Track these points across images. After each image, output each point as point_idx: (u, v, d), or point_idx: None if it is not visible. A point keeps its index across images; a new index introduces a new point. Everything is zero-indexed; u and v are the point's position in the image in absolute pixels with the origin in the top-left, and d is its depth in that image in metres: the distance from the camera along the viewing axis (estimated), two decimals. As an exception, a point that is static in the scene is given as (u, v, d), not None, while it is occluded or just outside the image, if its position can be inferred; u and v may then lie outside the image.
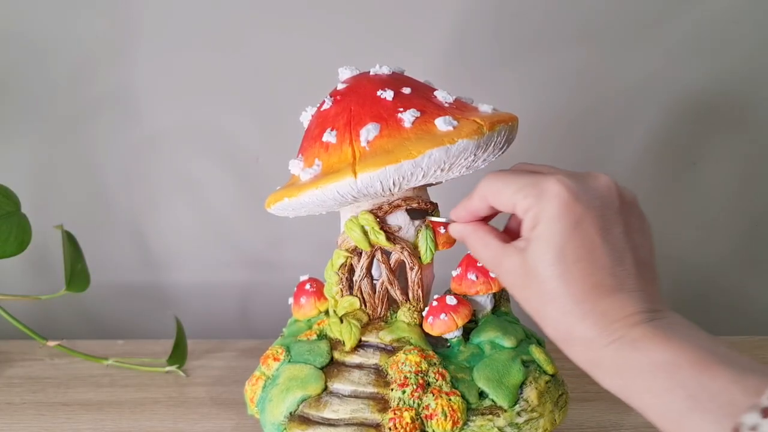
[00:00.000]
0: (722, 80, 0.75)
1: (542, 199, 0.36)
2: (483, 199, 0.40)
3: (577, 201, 0.35)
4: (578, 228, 0.35)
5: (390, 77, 0.47)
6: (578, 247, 0.35)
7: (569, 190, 0.35)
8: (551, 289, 0.35)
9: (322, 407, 0.44)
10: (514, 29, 0.73)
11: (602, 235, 0.35)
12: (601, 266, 0.35)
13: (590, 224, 0.35)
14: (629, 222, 0.37)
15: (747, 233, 0.80)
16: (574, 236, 0.35)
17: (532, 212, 0.36)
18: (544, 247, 0.35)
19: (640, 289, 0.36)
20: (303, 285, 0.53)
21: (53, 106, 0.75)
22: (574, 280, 0.35)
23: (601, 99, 0.75)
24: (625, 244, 0.36)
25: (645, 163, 0.77)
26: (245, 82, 0.74)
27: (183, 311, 0.75)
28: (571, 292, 0.35)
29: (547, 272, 0.35)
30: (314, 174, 0.44)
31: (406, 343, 0.46)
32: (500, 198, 0.38)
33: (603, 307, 0.34)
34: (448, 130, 0.42)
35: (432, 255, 0.47)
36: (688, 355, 0.31)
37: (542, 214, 0.36)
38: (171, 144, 0.76)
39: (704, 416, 0.30)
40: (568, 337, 0.35)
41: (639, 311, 0.35)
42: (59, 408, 0.58)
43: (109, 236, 0.78)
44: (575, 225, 0.35)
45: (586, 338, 0.35)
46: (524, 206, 0.37)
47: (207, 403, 0.58)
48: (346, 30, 0.73)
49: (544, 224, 0.35)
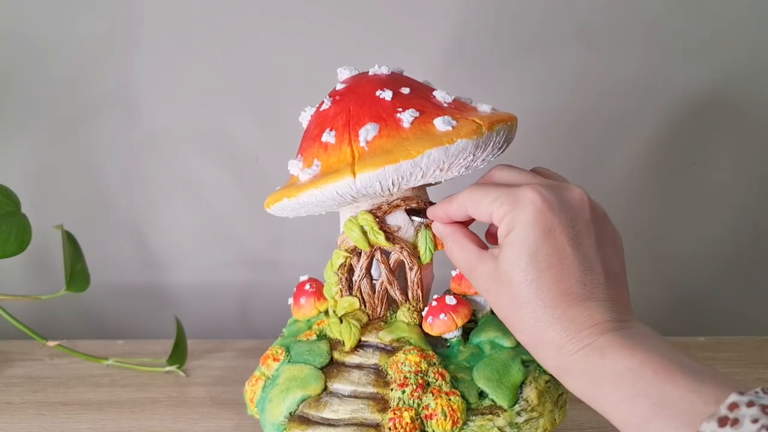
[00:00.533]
0: (722, 80, 0.75)
1: (517, 206, 0.37)
2: (462, 207, 0.41)
3: (551, 209, 0.36)
4: (550, 236, 0.36)
5: (389, 77, 0.47)
6: (550, 254, 0.36)
7: (543, 198, 0.37)
8: (523, 294, 0.36)
9: (322, 407, 0.44)
10: (514, 29, 0.73)
11: (573, 245, 0.37)
12: (572, 274, 0.36)
13: (562, 233, 0.36)
14: (600, 234, 0.38)
15: (747, 233, 0.80)
16: (546, 243, 0.36)
17: (507, 219, 0.37)
18: (518, 252, 0.36)
19: (609, 299, 0.37)
20: (303, 285, 0.53)
21: (53, 106, 0.75)
22: (545, 285, 0.36)
23: (601, 99, 0.75)
24: (596, 255, 0.37)
25: (645, 163, 0.77)
26: (245, 82, 0.74)
27: (183, 311, 0.75)
28: (542, 297, 0.36)
29: (520, 277, 0.36)
30: (313, 174, 0.44)
31: (405, 343, 0.46)
32: (478, 208, 0.40)
33: (572, 314, 0.36)
34: (446, 130, 0.42)
35: (431, 255, 0.47)
36: (652, 363, 0.33)
37: (516, 221, 0.37)
38: (171, 144, 0.76)
39: (666, 423, 0.31)
40: (539, 342, 0.36)
41: (607, 320, 0.36)
42: (59, 408, 0.58)
43: (109, 236, 0.78)
44: (548, 232, 0.36)
45: (556, 344, 0.36)
46: (500, 214, 0.38)
47: (207, 403, 0.58)
48: (346, 30, 0.73)
49: (517, 230, 0.37)
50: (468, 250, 0.41)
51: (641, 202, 0.79)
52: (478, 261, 0.40)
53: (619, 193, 0.78)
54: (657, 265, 0.81)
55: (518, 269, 0.36)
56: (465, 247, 0.41)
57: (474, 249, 0.41)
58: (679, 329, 0.82)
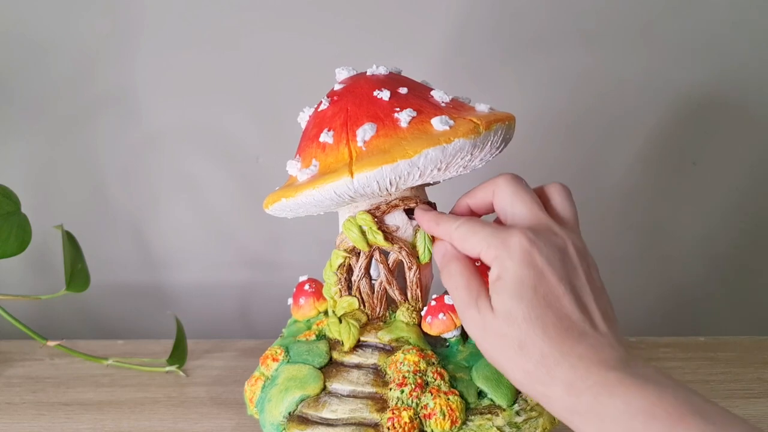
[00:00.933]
0: (722, 80, 0.74)
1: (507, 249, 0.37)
2: (450, 239, 0.42)
3: (540, 253, 0.37)
4: (543, 277, 0.37)
5: (387, 77, 0.47)
6: (547, 294, 0.37)
7: (531, 243, 0.37)
8: (528, 333, 0.36)
9: (321, 407, 0.44)
10: (514, 29, 0.73)
11: (566, 285, 0.37)
12: (572, 313, 0.37)
13: (553, 274, 0.37)
14: (587, 274, 0.39)
15: (747, 233, 0.80)
16: (541, 284, 0.37)
17: (498, 262, 0.38)
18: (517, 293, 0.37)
19: (610, 335, 0.37)
20: (302, 285, 0.53)
21: (53, 106, 0.75)
22: (551, 323, 0.36)
23: (601, 99, 0.75)
24: (589, 294, 0.38)
25: (645, 163, 0.77)
26: (245, 83, 0.74)
27: (183, 311, 0.75)
28: (548, 334, 0.36)
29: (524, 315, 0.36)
30: (311, 174, 0.44)
31: (404, 343, 0.46)
32: (465, 244, 0.40)
33: (580, 350, 0.36)
34: (444, 130, 0.42)
35: (430, 255, 0.47)
36: (663, 404, 0.32)
37: (508, 264, 0.37)
38: (171, 144, 0.76)
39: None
40: (546, 380, 0.36)
41: (613, 357, 0.36)
42: (59, 408, 0.58)
43: (109, 236, 0.79)
44: (541, 274, 0.37)
45: (565, 381, 0.35)
46: (489, 256, 0.38)
47: (207, 403, 0.58)
48: (346, 30, 0.73)
49: (511, 273, 0.37)
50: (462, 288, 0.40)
51: (641, 202, 0.79)
52: (467, 306, 0.39)
53: (619, 193, 0.78)
54: (657, 265, 0.81)
55: (521, 308, 0.36)
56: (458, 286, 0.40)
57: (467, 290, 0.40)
58: (679, 329, 0.82)
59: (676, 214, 0.79)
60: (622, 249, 0.80)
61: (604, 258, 0.78)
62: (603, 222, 0.79)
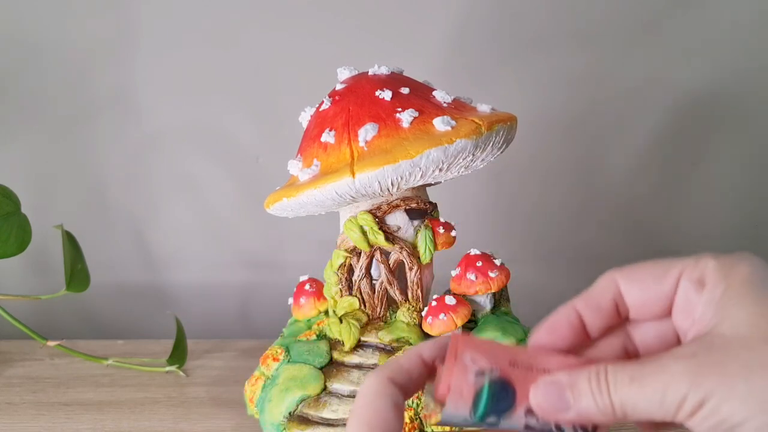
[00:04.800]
0: (722, 80, 0.74)
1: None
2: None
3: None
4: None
5: (388, 77, 0.47)
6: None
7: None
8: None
9: (321, 407, 0.44)
10: (514, 29, 0.73)
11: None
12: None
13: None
14: None
15: (747, 233, 0.80)
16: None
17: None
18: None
19: None
20: (302, 285, 0.53)
21: (53, 106, 0.75)
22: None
23: (601, 99, 0.75)
24: None
25: (645, 163, 0.77)
26: (245, 83, 0.74)
27: (183, 311, 0.75)
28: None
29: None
30: (313, 174, 0.44)
31: (405, 343, 0.46)
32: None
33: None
34: (446, 130, 0.42)
35: (431, 255, 0.47)
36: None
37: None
38: (171, 144, 0.76)
39: None
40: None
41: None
42: (59, 408, 0.58)
43: (109, 236, 0.78)
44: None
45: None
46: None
47: (207, 403, 0.58)
48: (346, 30, 0.73)
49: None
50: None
51: (641, 202, 0.79)
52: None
53: (619, 193, 0.78)
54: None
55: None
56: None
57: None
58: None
59: (676, 214, 0.79)
60: (622, 249, 0.80)
61: (603, 258, 0.79)
62: (603, 222, 0.79)
